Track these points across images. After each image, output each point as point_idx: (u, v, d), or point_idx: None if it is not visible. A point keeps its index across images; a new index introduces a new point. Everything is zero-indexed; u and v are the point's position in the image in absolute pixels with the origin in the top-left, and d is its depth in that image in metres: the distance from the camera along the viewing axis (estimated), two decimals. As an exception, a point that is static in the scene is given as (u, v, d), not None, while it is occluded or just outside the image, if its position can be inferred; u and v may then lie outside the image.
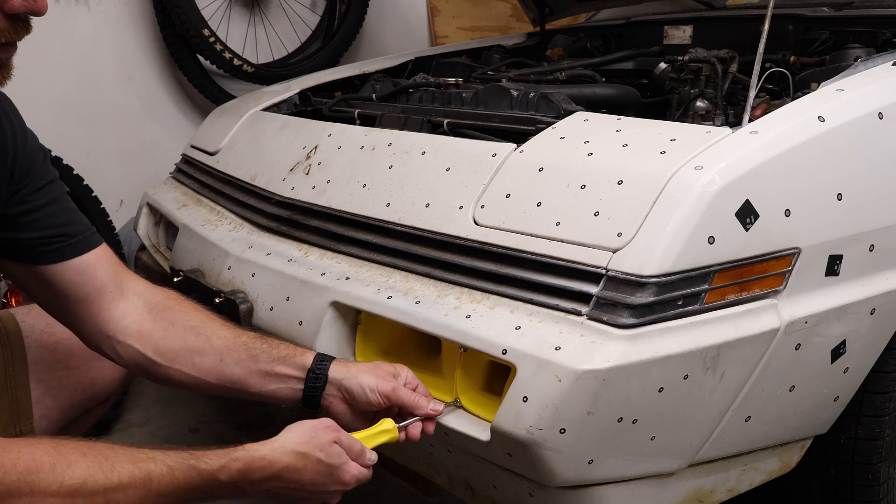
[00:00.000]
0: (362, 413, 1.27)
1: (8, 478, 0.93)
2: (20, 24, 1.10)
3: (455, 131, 1.65)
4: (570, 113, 1.53)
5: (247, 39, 3.32)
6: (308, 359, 1.28)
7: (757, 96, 1.59)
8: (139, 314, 1.31)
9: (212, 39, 2.95)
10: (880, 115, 1.35)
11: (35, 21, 1.14)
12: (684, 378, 1.18)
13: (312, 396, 1.27)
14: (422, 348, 1.45)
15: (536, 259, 1.26)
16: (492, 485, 1.35)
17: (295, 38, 3.47)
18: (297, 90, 2.25)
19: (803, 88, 1.62)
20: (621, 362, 1.13)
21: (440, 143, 1.55)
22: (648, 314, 1.16)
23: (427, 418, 1.25)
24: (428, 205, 1.45)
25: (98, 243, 1.30)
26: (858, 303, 1.34)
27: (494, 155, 1.42)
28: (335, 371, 1.27)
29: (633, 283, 1.16)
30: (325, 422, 1.16)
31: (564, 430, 1.13)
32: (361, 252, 1.51)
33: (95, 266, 1.28)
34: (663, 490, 1.31)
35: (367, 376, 1.25)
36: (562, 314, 1.20)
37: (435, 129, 1.70)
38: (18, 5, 1.06)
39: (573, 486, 1.22)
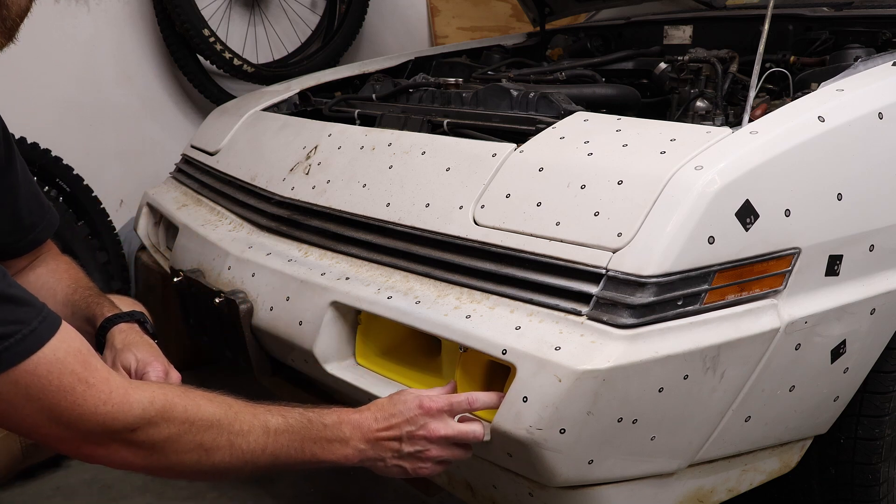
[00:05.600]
0: None
1: (148, 414, 1.04)
2: None
3: (455, 131, 1.65)
4: (570, 113, 1.53)
5: (247, 39, 3.32)
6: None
7: (757, 96, 1.59)
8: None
9: (212, 39, 2.95)
10: (880, 115, 1.34)
11: (35, 21, 1.14)
12: (684, 378, 1.18)
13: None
14: (422, 348, 1.45)
15: (536, 259, 1.26)
16: (492, 485, 1.35)
17: (295, 38, 3.47)
18: (297, 90, 2.25)
19: (803, 88, 1.62)
20: (621, 362, 1.13)
21: (440, 143, 1.55)
22: (648, 314, 1.16)
23: None
24: (428, 205, 1.45)
25: None
26: (858, 303, 1.33)
27: (494, 155, 1.42)
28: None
29: (633, 283, 1.16)
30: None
31: (564, 430, 1.13)
32: (361, 252, 1.51)
33: None
34: (663, 490, 1.31)
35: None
36: (562, 314, 1.20)
37: (435, 129, 1.70)
38: None
39: (573, 486, 1.22)
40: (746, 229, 1.20)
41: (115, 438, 1.04)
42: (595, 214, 1.23)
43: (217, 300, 1.64)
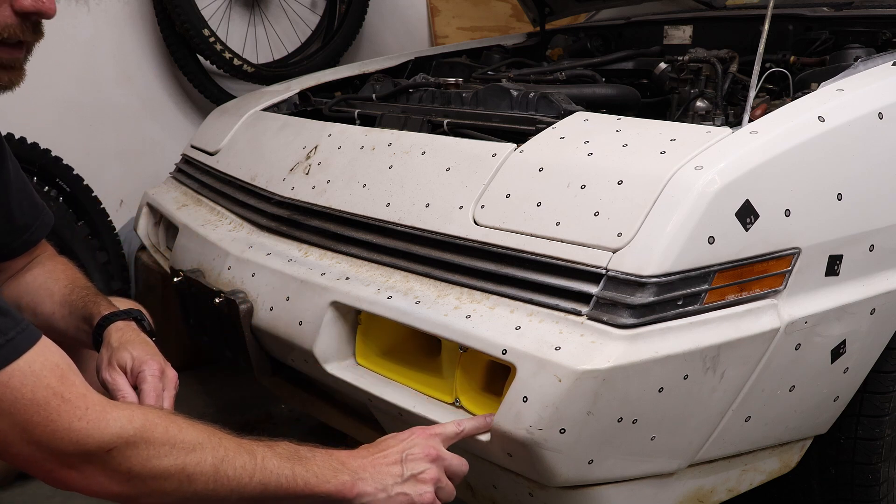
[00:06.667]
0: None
1: (126, 432, 0.98)
2: (28, 25, 1.12)
3: (455, 131, 1.65)
4: (570, 113, 1.53)
5: (247, 39, 3.32)
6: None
7: (757, 96, 1.59)
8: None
9: (212, 39, 2.95)
10: (880, 115, 1.34)
11: None
12: (684, 378, 1.18)
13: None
14: (422, 348, 1.45)
15: (536, 259, 1.26)
16: (492, 485, 1.35)
17: (295, 38, 3.47)
18: (297, 90, 2.25)
19: (803, 88, 1.62)
20: (621, 362, 1.13)
21: (440, 143, 1.55)
22: (648, 314, 1.15)
23: None
24: (428, 205, 1.45)
25: None
26: (858, 303, 1.33)
27: (494, 155, 1.42)
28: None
29: (633, 283, 1.16)
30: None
31: (564, 430, 1.13)
32: (361, 252, 1.51)
33: None
34: (663, 490, 1.31)
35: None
36: (562, 314, 1.20)
37: (435, 129, 1.70)
38: (28, 4, 1.09)
39: (573, 486, 1.22)
40: (746, 229, 1.20)
41: (90, 460, 0.97)
42: (595, 214, 1.23)
43: (217, 300, 1.64)
